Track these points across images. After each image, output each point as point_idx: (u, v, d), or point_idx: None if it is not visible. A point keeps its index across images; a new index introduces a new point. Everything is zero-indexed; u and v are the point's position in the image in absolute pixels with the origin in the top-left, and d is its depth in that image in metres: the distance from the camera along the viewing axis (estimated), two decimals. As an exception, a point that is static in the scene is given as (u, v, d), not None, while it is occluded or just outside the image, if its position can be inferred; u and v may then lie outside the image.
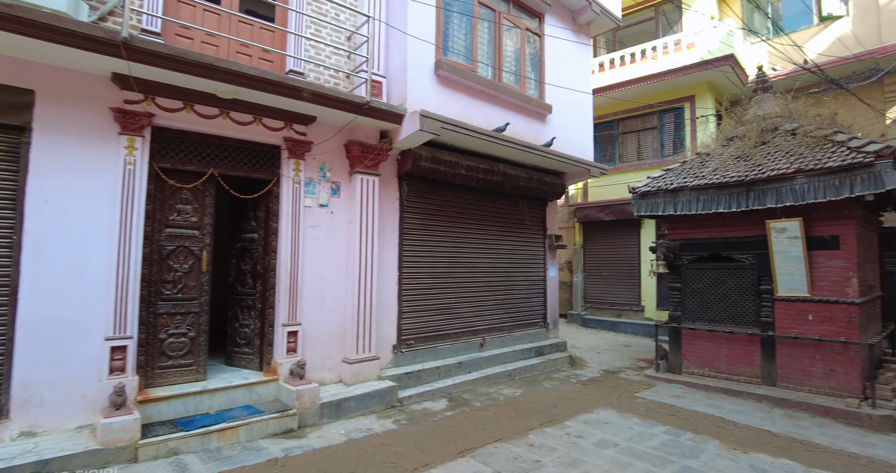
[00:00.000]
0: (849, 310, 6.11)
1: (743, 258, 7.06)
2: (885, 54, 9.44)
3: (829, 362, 6.25)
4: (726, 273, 7.28)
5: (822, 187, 6.02)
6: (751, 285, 7.01)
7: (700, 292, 7.53)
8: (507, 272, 8.35)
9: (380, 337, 6.34)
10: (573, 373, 8.11)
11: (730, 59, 10.26)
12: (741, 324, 7.07)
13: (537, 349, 8.41)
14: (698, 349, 7.48)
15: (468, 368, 7.15)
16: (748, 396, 6.63)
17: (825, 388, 6.27)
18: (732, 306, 7.19)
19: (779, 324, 6.69)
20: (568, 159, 8.17)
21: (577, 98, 8.84)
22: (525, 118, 7.81)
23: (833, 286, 6.27)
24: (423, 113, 5.86)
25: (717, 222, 7.35)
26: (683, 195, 7.32)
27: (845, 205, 6.18)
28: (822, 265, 6.36)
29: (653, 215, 7.76)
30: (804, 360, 6.45)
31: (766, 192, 6.49)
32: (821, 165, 6.02)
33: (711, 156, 7.62)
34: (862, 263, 6.37)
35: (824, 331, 6.30)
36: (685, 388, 7.20)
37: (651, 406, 6.27)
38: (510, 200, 8.42)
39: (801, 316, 6.51)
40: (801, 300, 6.51)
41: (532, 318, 8.78)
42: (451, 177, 7.07)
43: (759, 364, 6.84)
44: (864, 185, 5.72)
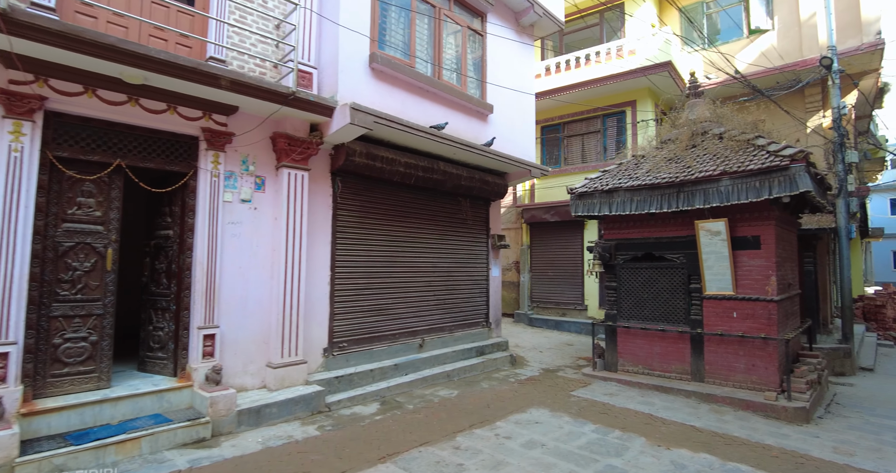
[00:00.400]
0: (768, 307, 6.35)
1: (674, 258, 7.23)
2: (805, 67, 10.00)
3: (751, 357, 6.47)
4: (659, 272, 7.44)
5: (744, 189, 6.24)
6: (682, 284, 7.19)
7: (634, 291, 7.67)
8: (449, 272, 8.24)
9: (309, 340, 6.07)
10: (513, 372, 8.08)
11: (667, 65, 10.59)
12: (673, 322, 7.24)
13: (479, 349, 8.33)
14: (633, 346, 7.61)
15: (405, 370, 6.98)
16: (678, 392, 6.78)
17: (748, 382, 6.49)
18: (665, 304, 7.35)
19: (707, 322, 6.88)
20: (509, 160, 8.16)
21: (519, 99, 8.86)
22: (466, 117, 7.74)
23: (755, 285, 6.50)
24: (354, 106, 5.66)
25: (650, 222, 7.51)
26: (618, 196, 7.44)
27: (765, 206, 6.43)
28: (746, 264, 6.59)
29: (589, 215, 7.85)
30: (729, 356, 6.66)
31: (694, 193, 6.67)
32: (743, 168, 6.23)
33: (646, 158, 7.79)
34: (781, 262, 6.65)
35: (747, 328, 6.52)
36: (620, 386, 7.29)
37: (584, 405, 6.29)
38: (452, 199, 8.32)
39: (726, 314, 6.72)
40: (726, 298, 6.72)
41: (474, 318, 8.70)
42: (388, 174, 6.88)
43: (689, 361, 7.01)
44: (780, 187, 5.96)
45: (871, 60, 9.94)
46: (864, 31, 9.80)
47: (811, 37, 10.36)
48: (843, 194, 9.40)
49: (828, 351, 9.18)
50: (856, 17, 10.03)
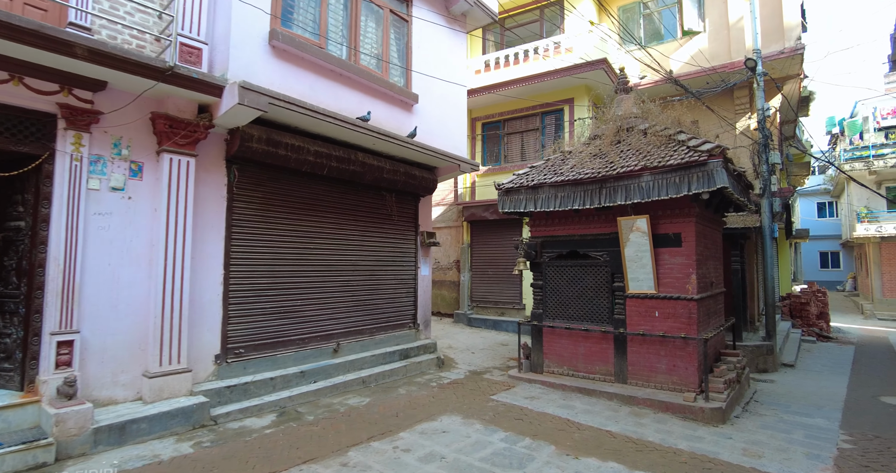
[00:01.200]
0: (689, 306, 6.23)
1: (598, 256, 7.04)
2: (733, 69, 10.16)
3: (672, 357, 6.33)
4: (584, 271, 7.23)
5: (664, 185, 6.08)
6: (606, 282, 7.00)
7: (560, 289, 7.44)
8: (372, 271, 7.75)
9: (196, 346, 5.44)
10: (437, 376, 7.68)
11: (602, 63, 10.51)
12: (597, 321, 7.04)
13: (403, 352, 7.88)
14: (558, 347, 7.36)
15: (314, 377, 6.44)
16: (601, 394, 6.56)
17: (669, 383, 6.34)
18: (589, 303, 7.14)
19: (630, 321, 6.71)
20: (435, 153, 7.76)
21: (450, 91, 8.49)
22: (387, 106, 7.28)
23: (675, 283, 6.37)
24: (243, 85, 5.09)
25: (575, 219, 7.30)
26: (543, 192, 7.18)
27: (686, 203, 6.30)
28: (667, 262, 6.45)
29: (515, 211, 7.56)
30: (651, 356, 6.50)
31: (616, 189, 6.48)
32: (663, 163, 6.08)
33: (573, 154, 7.58)
34: (702, 260, 6.55)
35: (668, 327, 6.38)
36: (544, 388, 7.03)
37: (501, 410, 5.95)
38: (375, 193, 7.84)
39: (648, 313, 6.56)
40: (648, 297, 6.56)
41: (400, 319, 8.25)
42: (295, 163, 6.32)
43: (613, 362, 6.82)
44: (699, 183, 5.83)
45: (793, 65, 10.21)
46: (786, 36, 10.05)
47: (739, 40, 10.55)
48: (766, 194, 9.56)
49: (752, 349, 9.30)
50: (779, 24, 10.28)
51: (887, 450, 5.10)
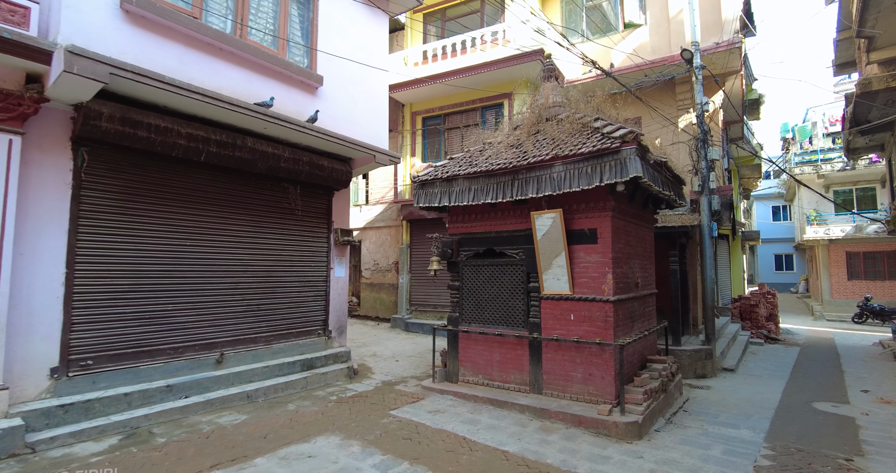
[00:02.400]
0: (604, 308, 5.68)
1: (514, 254, 6.45)
2: (673, 63, 9.81)
3: (588, 365, 5.77)
4: (500, 270, 6.64)
5: (576, 175, 5.54)
6: (521, 282, 6.42)
7: (477, 291, 6.82)
8: (269, 272, 6.97)
9: (21, 358, 4.58)
10: (343, 388, 6.95)
11: (539, 53, 10.03)
12: (512, 325, 6.45)
13: (306, 363, 7.12)
14: (474, 354, 6.73)
15: (186, 391, 5.63)
16: (512, 406, 5.95)
17: (584, 394, 5.77)
18: (504, 305, 6.55)
19: (545, 325, 6.13)
20: (343, 141, 7.06)
21: (367, 76, 7.82)
22: (285, 87, 6.56)
23: (591, 283, 5.82)
24: (72, 49, 4.29)
25: (492, 214, 6.70)
26: (458, 184, 6.56)
27: (602, 196, 5.77)
28: (583, 261, 5.90)
29: (430, 206, 6.92)
30: (567, 364, 5.92)
31: (528, 180, 5.91)
32: (575, 151, 5.53)
33: (493, 144, 6.99)
34: (622, 258, 6.03)
35: (584, 332, 5.82)
36: (454, 400, 6.38)
37: (392, 428, 5.27)
38: (275, 184, 7.08)
39: (564, 316, 5.99)
40: (564, 299, 6.00)
41: (306, 325, 7.48)
42: (163, 147, 5.53)
43: (528, 370, 6.23)
44: (611, 172, 5.30)
45: (732, 59, 9.94)
46: (724, 29, 9.76)
47: (679, 33, 10.23)
48: (705, 191, 9.19)
49: (689, 353, 8.88)
50: (717, 17, 9.99)
51: (807, 467, 4.62)
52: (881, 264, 21.40)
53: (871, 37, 10.08)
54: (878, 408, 6.96)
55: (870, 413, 6.69)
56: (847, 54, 14.02)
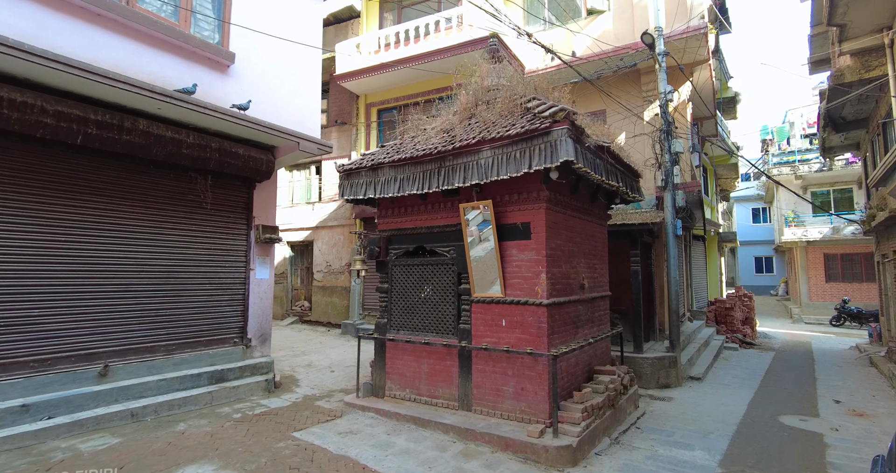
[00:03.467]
0: (538, 313, 4.96)
1: (445, 252, 5.72)
2: (636, 50, 9.19)
3: (520, 378, 5.04)
4: (430, 270, 5.90)
5: (504, 161, 4.83)
6: (452, 284, 5.69)
7: (406, 293, 6.08)
8: (170, 273, 6.17)
9: None
10: (256, 403, 6.15)
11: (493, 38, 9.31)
12: (442, 333, 5.71)
13: (216, 375, 6.31)
14: (402, 365, 5.98)
15: (49, 410, 4.80)
16: (436, 426, 5.19)
17: (516, 412, 5.04)
18: (435, 310, 5.81)
19: (475, 332, 5.40)
20: (258, 126, 6.29)
21: (294, 56, 7.07)
22: (186, 63, 5.79)
23: (524, 284, 5.10)
24: None
25: (422, 207, 5.97)
26: (383, 174, 5.83)
27: (536, 185, 5.06)
28: (515, 259, 5.18)
29: (356, 199, 6.17)
30: (498, 377, 5.19)
31: (455, 168, 5.18)
32: (503, 134, 4.82)
33: (426, 130, 6.27)
34: (560, 256, 5.32)
35: (516, 339, 5.10)
36: (375, 418, 5.62)
37: (286, 454, 4.49)
38: (179, 174, 6.28)
39: (496, 322, 5.27)
40: (495, 302, 5.27)
41: (218, 333, 6.67)
42: (22, 126, 4.71)
43: (457, 383, 5.49)
44: (541, 157, 4.59)
45: (698, 47, 9.35)
46: (689, 15, 9.17)
47: (643, 19, 9.62)
48: (669, 186, 8.57)
49: (652, 361, 8.22)
50: (682, 2, 9.40)
51: (761, 499, 3.93)
52: (858, 266, 21.07)
53: (843, 25, 9.58)
54: (849, 422, 6.34)
55: (840, 428, 6.06)
56: (822, 51, 13.56)
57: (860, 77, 10.33)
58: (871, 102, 12.09)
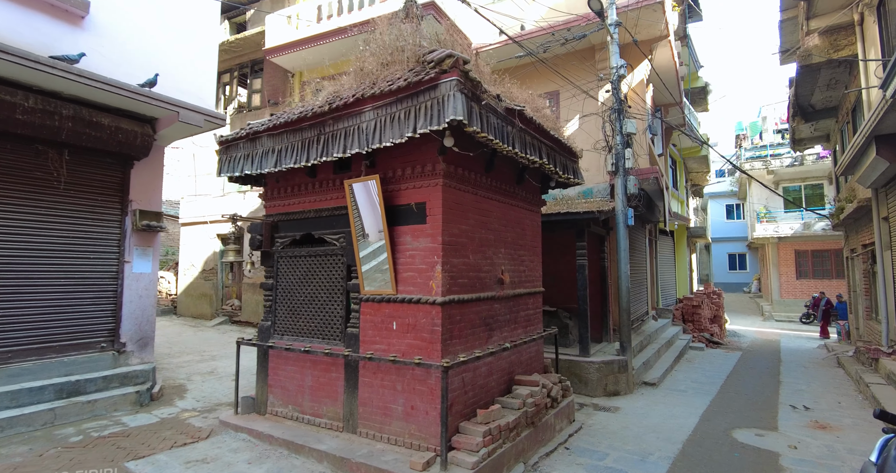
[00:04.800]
0: (431, 314, 4.01)
1: (334, 240, 4.74)
2: (587, 21, 8.31)
3: (411, 394, 4.09)
4: (318, 263, 4.92)
5: (388, 124, 3.86)
6: (341, 279, 4.72)
7: (292, 290, 5.09)
8: (8, 264, 5.07)
9: None
10: (116, 421, 5.10)
11: (431, 7, 8.37)
12: (328, 337, 4.73)
13: (66, 388, 5.24)
14: (284, 376, 4.99)
15: None
16: (310, 453, 4.22)
17: (406, 435, 4.09)
18: (322, 310, 4.83)
19: (364, 337, 4.43)
20: (117, 89, 5.21)
21: (177, 11, 6.00)
22: (22, 11, 4.70)
23: (418, 279, 4.15)
24: None
25: (312, 187, 4.98)
26: (262, 145, 4.82)
27: (431, 156, 4.12)
28: (409, 248, 4.23)
29: (234, 176, 5.16)
30: (386, 392, 4.24)
31: (336, 135, 4.20)
32: (384, 90, 3.85)
33: (319, 93, 5.27)
34: (466, 245, 4.38)
35: (407, 346, 4.14)
36: (248, 441, 4.62)
37: (91, 498, 3.47)
38: (20, 145, 5.18)
39: (386, 324, 4.31)
40: (386, 300, 4.31)
41: (78, 337, 5.60)
42: None
43: (342, 399, 4.52)
44: (427, 117, 3.64)
45: (655, 20, 8.52)
46: (646, -19, 8.32)
47: (595, -10, 8.72)
48: (620, 171, 7.71)
49: (599, 366, 7.36)
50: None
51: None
52: (829, 262, 20.68)
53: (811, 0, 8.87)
54: (810, 437, 5.55)
55: (799, 445, 5.26)
56: (792, 39, 12.90)
57: (829, 57, 9.64)
58: (840, 88, 11.47)
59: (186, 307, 12.66)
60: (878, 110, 5.74)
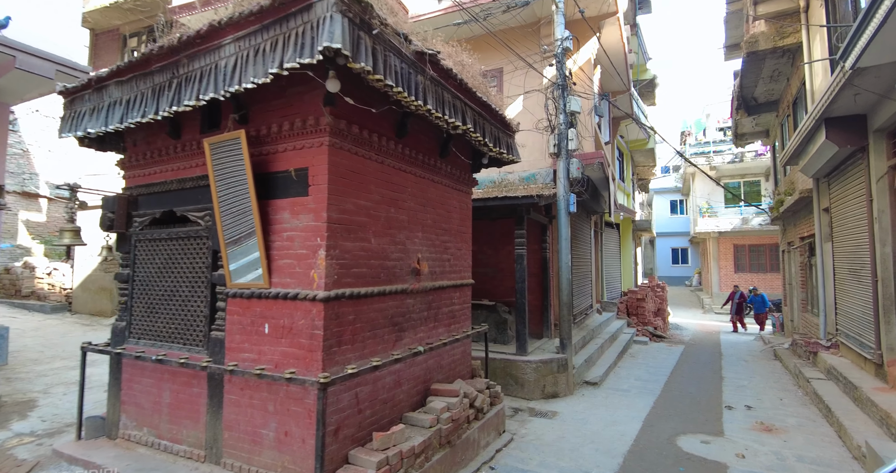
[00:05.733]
0: (311, 313, 3.09)
1: (199, 218, 3.71)
2: (534, -12, 7.58)
3: (285, 416, 3.16)
4: (180, 247, 3.88)
5: (252, 59, 2.89)
6: (205, 268, 3.70)
7: (151, 282, 4.02)
8: None
9: None
10: None
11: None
12: (189, 342, 3.72)
13: None
14: (140, 391, 3.93)
15: None
16: (155, 494, 3.21)
17: (278, 468, 3.16)
18: (182, 309, 3.80)
19: (231, 343, 3.45)
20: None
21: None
22: None
23: (297, 267, 3.21)
24: None
25: (176, 151, 3.92)
26: (109, 95, 3.70)
27: (313, 107, 3.18)
28: (287, 227, 3.28)
29: (80, 137, 4.01)
30: (256, 413, 3.28)
31: (191, 77, 3.18)
32: (245, 12, 2.87)
33: (193, 37, 4.19)
34: (367, 224, 3.49)
35: (281, 355, 3.21)
36: (79, 479, 3.55)
37: None
38: None
39: (257, 326, 3.35)
40: (257, 296, 3.35)
41: None
42: None
43: (205, 421, 3.52)
44: (297, 46, 2.70)
45: (605, -5, 7.92)
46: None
47: (543, -45, 8.02)
48: (563, 153, 7.02)
49: (537, 366, 6.70)
50: (588, -65, 7.89)
51: None
52: (764, 256, 21.29)
53: (760, -18, 8.55)
54: (756, 442, 5.07)
55: (746, 453, 4.75)
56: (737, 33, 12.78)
57: (774, 45, 9.39)
58: (782, 81, 11.38)
59: (83, 302, 11.07)
60: (832, 87, 5.29)
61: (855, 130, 6.00)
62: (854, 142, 6.04)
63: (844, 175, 7.13)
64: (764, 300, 15.05)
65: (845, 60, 4.58)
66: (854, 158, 6.53)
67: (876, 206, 5.81)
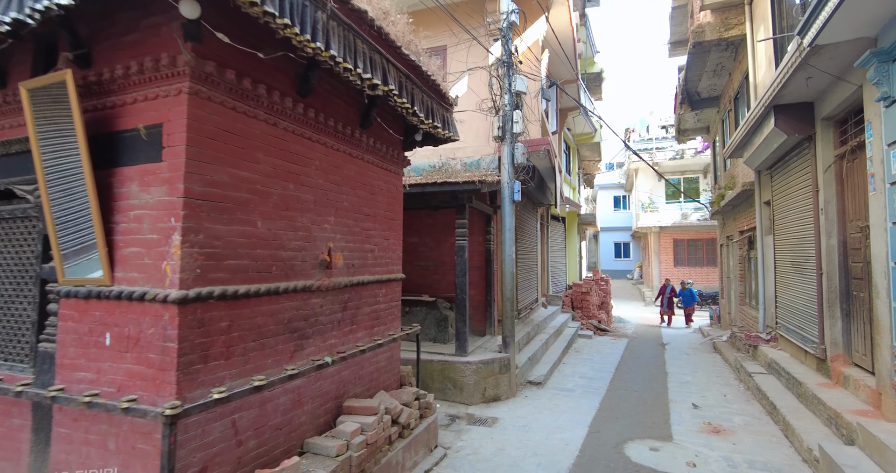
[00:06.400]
0: (161, 319, 2.29)
1: (26, 193, 2.80)
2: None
3: (130, 457, 2.35)
4: (3, 231, 2.94)
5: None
6: (34, 259, 2.80)
7: (-34, 281, 3.04)
8: None
9: None
10: None
11: None
12: (12, 358, 2.81)
13: None
14: (-52, 425, 2.96)
15: None
16: None
17: (123, 525, 2.35)
18: (3, 311, 2.87)
19: (62, 357, 2.59)
20: None
21: None
22: None
23: (147, 259, 2.39)
24: None
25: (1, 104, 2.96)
26: None
27: (172, 43, 2.37)
28: (135, 204, 2.45)
29: None
30: (94, 453, 2.45)
31: (-9, -7, 2.26)
32: None
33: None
34: (250, 204, 2.71)
35: (126, 374, 2.39)
36: None
37: None
38: None
39: (96, 336, 2.50)
40: (95, 296, 2.50)
41: None
42: None
43: (28, 463, 2.64)
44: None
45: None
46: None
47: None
48: (508, 136, 6.46)
49: (477, 367, 6.12)
50: None
51: None
52: (702, 251, 21.95)
53: (707, -31, 8.36)
54: (706, 447, 4.72)
55: (697, 461, 4.37)
56: (681, 29, 12.74)
57: (720, 36, 9.28)
58: (724, 76, 11.42)
59: None
60: (786, 68, 5.00)
61: (802, 119, 5.80)
62: (802, 130, 5.83)
63: (787, 167, 7.00)
64: (692, 294, 15.33)
65: (804, 36, 4.23)
66: (800, 148, 6.36)
67: (822, 196, 5.62)
